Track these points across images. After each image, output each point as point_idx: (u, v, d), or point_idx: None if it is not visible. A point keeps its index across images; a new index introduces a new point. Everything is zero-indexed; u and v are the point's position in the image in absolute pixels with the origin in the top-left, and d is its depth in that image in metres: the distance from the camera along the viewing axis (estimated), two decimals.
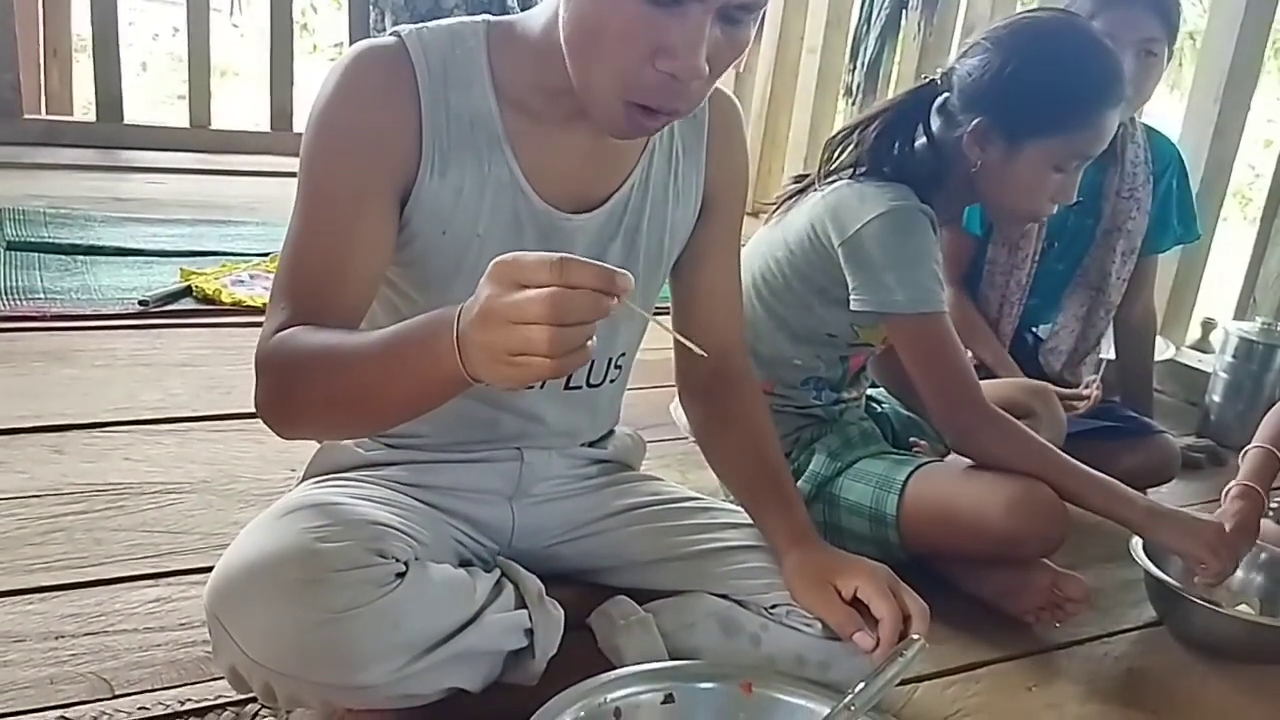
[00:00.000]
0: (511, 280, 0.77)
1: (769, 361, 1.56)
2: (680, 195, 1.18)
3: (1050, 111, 1.43)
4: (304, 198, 1.02)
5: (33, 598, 1.23)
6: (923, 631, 1.06)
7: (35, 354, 1.94)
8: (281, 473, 1.57)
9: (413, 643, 0.95)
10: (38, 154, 3.46)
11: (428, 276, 1.07)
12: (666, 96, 0.93)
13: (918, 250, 1.43)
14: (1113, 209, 2.02)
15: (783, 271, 1.53)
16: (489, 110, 1.04)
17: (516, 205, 1.06)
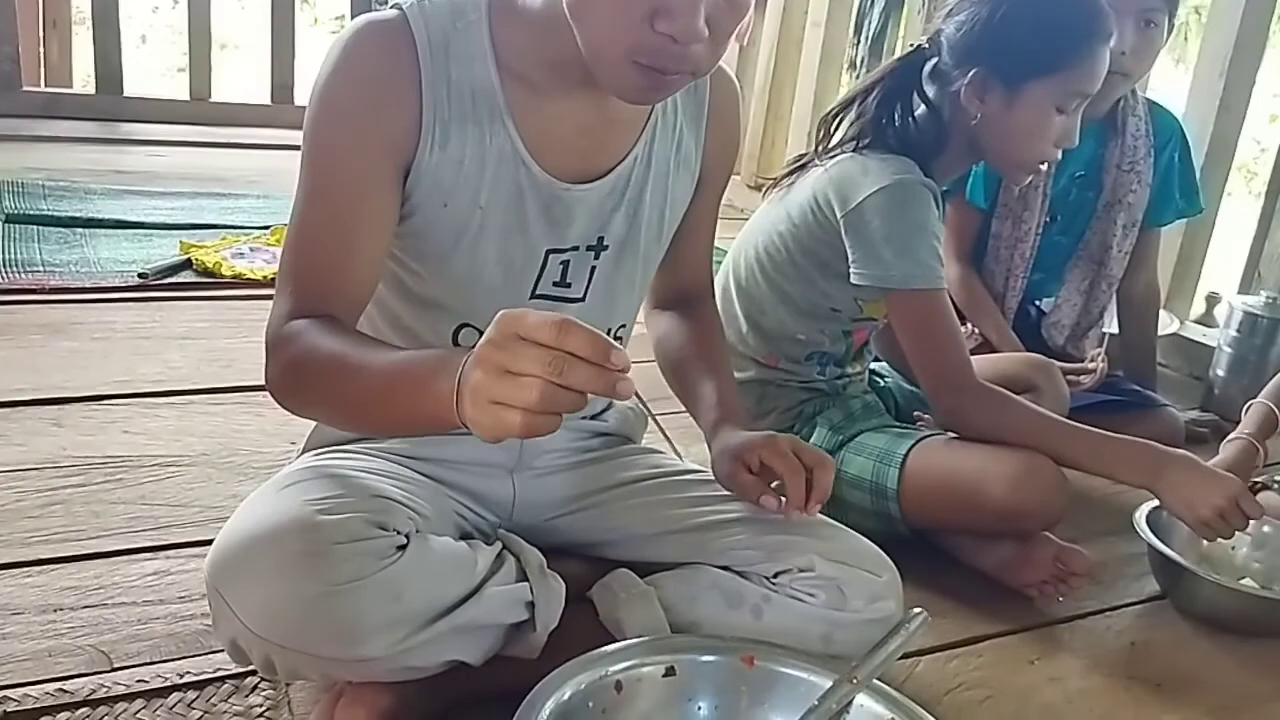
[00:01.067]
0: (513, 333, 0.77)
1: (773, 335, 1.55)
2: (681, 168, 1.18)
3: (1045, 50, 1.43)
4: (307, 177, 1.02)
5: (31, 570, 1.22)
6: (825, 478, 1.10)
7: (34, 327, 1.93)
8: (281, 445, 1.57)
9: (414, 615, 0.94)
10: (37, 126, 3.45)
11: (428, 248, 1.07)
12: (671, 59, 0.93)
13: (918, 225, 1.42)
14: (1114, 182, 2.02)
15: (786, 245, 1.52)
16: (490, 83, 1.03)
17: (518, 176, 1.06)
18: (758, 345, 1.57)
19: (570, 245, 1.10)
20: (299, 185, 1.03)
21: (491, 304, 1.07)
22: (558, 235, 1.09)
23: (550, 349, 0.75)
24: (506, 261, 1.08)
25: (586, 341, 0.76)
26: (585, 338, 0.76)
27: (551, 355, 0.75)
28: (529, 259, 1.09)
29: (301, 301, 1.00)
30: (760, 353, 1.56)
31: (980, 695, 1.24)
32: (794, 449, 1.13)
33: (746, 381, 1.57)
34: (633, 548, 1.20)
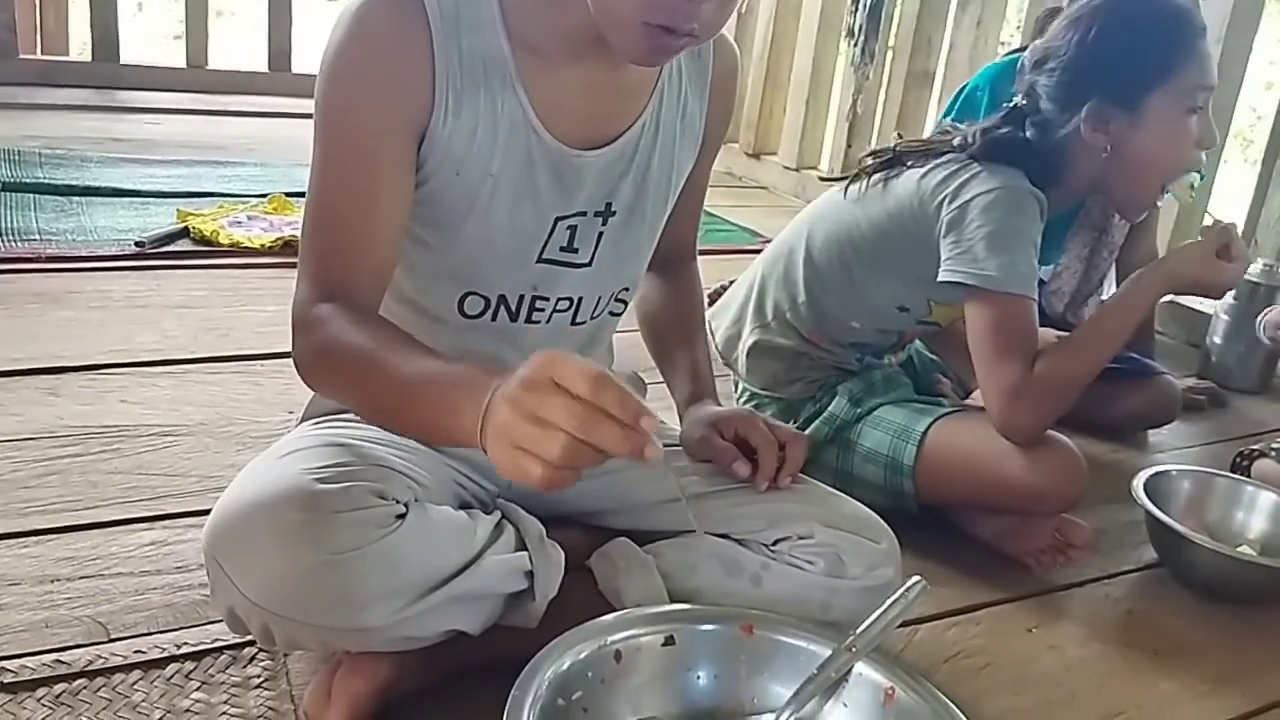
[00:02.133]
0: (549, 377, 0.76)
1: (827, 316, 1.53)
2: (686, 133, 1.17)
3: (1152, 59, 1.39)
4: (322, 151, 1.01)
5: (28, 541, 1.22)
6: (797, 454, 1.15)
7: (30, 296, 1.93)
8: (280, 414, 1.56)
9: (412, 585, 0.94)
10: (33, 94, 3.44)
11: (440, 216, 1.06)
12: (682, 16, 0.91)
13: (1022, 231, 1.38)
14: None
15: (875, 234, 1.49)
16: (501, 51, 1.02)
17: (529, 144, 1.05)
18: (808, 319, 1.54)
19: (578, 211, 1.09)
20: (315, 158, 1.01)
21: (498, 270, 1.08)
22: (567, 201, 1.09)
23: (582, 402, 0.75)
24: (516, 228, 1.07)
25: (619, 400, 0.75)
26: (619, 397, 0.75)
27: (583, 409, 0.75)
28: (538, 226, 1.08)
29: (326, 276, 0.99)
30: (806, 327, 1.54)
31: (979, 663, 1.24)
32: (768, 424, 1.17)
33: (783, 349, 1.56)
34: (632, 517, 1.20)
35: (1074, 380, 1.39)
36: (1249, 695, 1.24)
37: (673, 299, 1.33)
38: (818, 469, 1.41)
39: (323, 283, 1.00)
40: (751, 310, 1.60)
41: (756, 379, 1.58)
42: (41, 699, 0.98)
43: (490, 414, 0.80)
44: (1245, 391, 2.24)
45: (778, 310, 1.57)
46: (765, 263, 1.61)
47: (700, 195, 1.30)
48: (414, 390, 0.89)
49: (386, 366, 0.91)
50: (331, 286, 0.99)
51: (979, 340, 1.40)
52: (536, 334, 1.14)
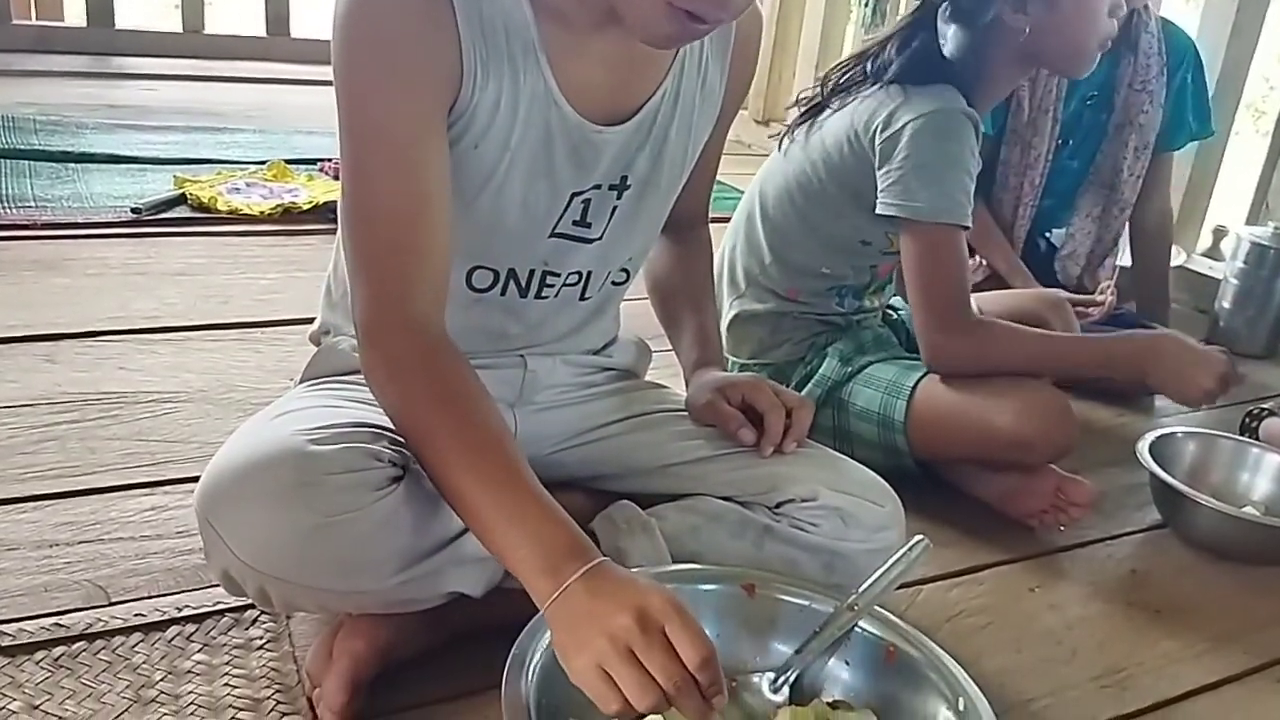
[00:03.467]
0: (661, 628, 0.78)
1: (798, 269, 1.53)
2: (705, 102, 1.14)
3: None
4: (357, 135, 0.94)
5: (26, 506, 1.21)
6: (804, 418, 1.15)
7: (26, 263, 1.92)
8: (280, 381, 1.55)
9: (411, 547, 0.93)
10: (28, 61, 3.41)
11: (454, 189, 1.00)
12: (712, 5, 0.87)
13: (952, 157, 1.39)
14: (1125, 101, 1.99)
15: (819, 176, 1.48)
16: (524, 18, 0.98)
17: (549, 118, 1.01)
18: (780, 278, 1.54)
19: (593, 185, 1.07)
20: (347, 144, 0.94)
21: (509, 245, 1.06)
22: (583, 177, 1.06)
23: (684, 669, 0.76)
24: (530, 204, 1.04)
25: (715, 680, 0.77)
26: (717, 677, 0.77)
27: (682, 678, 0.76)
28: (553, 201, 1.05)
29: (388, 281, 0.93)
30: (781, 286, 1.54)
31: (981, 622, 1.24)
32: (775, 390, 1.16)
33: (763, 314, 1.56)
34: (636, 480, 1.19)
35: (1001, 360, 1.42)
36: (1250, 653, 1.25)
37: (682, 264, 1.31)
38: (816, 431, 1.39)
39: (383, 298, 0.94)
40: (726, 285, 1.59)
41: (744, 349, 1.57)
42: (40, 662, 0.98)
43: (569, 604, 0.80)
44: (1253, 356, 2.23)
45: (749, 277, 1.56)
46: (728, 236, 1.62)
47: (715, 162, 1.28)
48: (488, 513, 0.87)
49: (470, 466, 0.88)
50: (393, 300, 0.94)
51: (911, 270, 1.43)
52: (544, 308, 1.13)
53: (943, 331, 1.42)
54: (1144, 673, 1.19)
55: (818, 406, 1.46)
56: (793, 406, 1.16)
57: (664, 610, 0.78)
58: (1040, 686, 1.15)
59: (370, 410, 1.02)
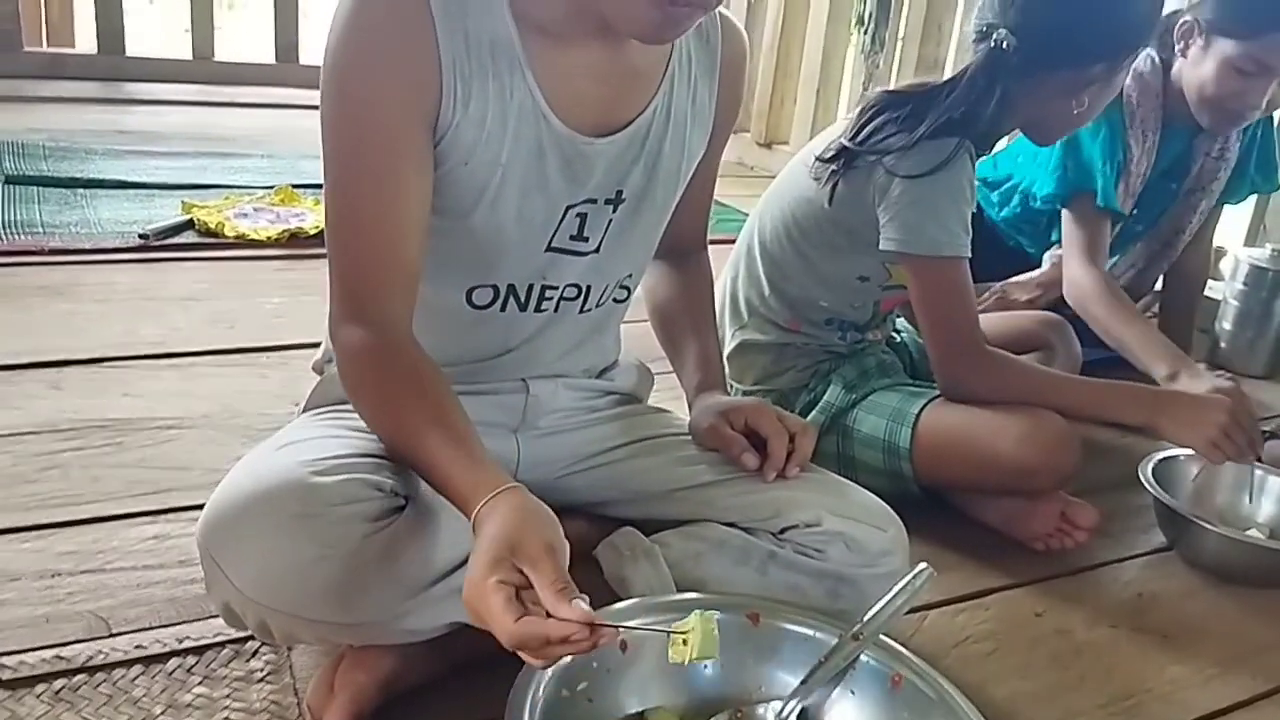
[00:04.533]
0: (510, 578, 0.80)
1: (796, 302, 1.53)
2: (697, 120, 1.15)
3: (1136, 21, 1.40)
4: (336, 152, 0.97)
5: (28, 535, 1.21)
6: (806, 444, 1.15)
7: (33, 289, 1.92)
8: (286, 407, 1.56)
9: (412, 578, 0.93)
10: (39, 87, 3.43)
11: (447, 206, 1.03)
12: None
13: (951, 189, 1.38)
14: (1200, 169, 1.95)
15: (814, 212, 1.48)
16: (508, 34, 0.99)
17: (539, 132, 1.02)
18: (780, 309, 1.54)
19: (588, 198, 1.08)
20: (329, 160, 0.97)
21: (507, 260, 1.07)
22: (577, 190, 1.07)
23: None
24: (525, 218, 1.05)
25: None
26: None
27: (544, 651, 0.79)
28: (548, 215, 1.06)
29: (357, 290, 0.97)
30: (782, 317, 1.54)
31: (987, 648, 1.23)
32: (778, 415, 1.16)
33: (765, 344, 1.55)
34: (639, 506, 1.19)
35: (1016, 394, 1.42)
36: (1258, 677, 1.24)
37: (683, 288, 1.32)
38: (820, 457, 1.39)
39: (354, 297, 0.97)
40: (729, 314, 1.59)
41: (748, 376, 1.57)
42: (41, 695, 0.98)
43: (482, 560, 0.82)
44: (1254, 377, 2.23)
45: (751, 307, 1.56)
46: (730, 265, 1.62)
47: (710, 184, 1.29)
48: (431, 477, 0.92)
49: (412, 441, 0.92)
50: (363, 301, 0.97)
51: (918, 305, 1.44)
52: (542, 321, 1.13)
53: (955, 363, 1.43)
54: (1153, 699, 1.18)
55: (822, 433, 1.46)
56: (796, 431, 1.15)
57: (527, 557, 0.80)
58: (1049, 714, 1.14)
59: (373, 440, 1.02)
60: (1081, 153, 1.78)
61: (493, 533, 0.81)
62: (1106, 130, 1.77)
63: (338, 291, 0.99)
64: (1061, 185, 1.78)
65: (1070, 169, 1.77)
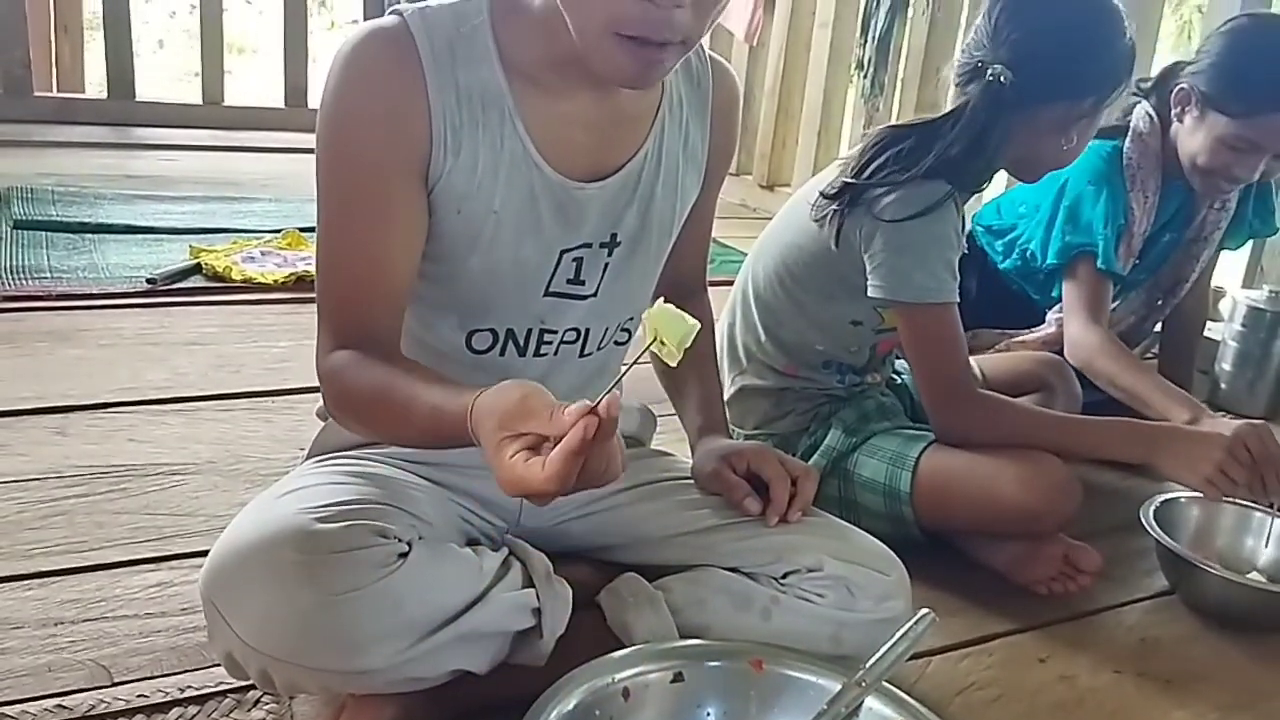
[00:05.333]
0: (513, 429, 0.82)
1: (792, 347, 1.53)
2: (689, 163, 1.17)
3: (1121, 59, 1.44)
4: (328, 192, 1.01)
5: (31, 583, 1.21)
6: (809, 488, 1.16)
7: (40, 334, 1.93)
8: (290, 451, 1.56)
9: (415, 624, 0.93)
10: (49, 132, 3.47)
11: (443, 252, 1.06)
12: (652, 26, 0.90)
13: (937, 235, 1.39)
14: (1203, 220, 1.96)
15: (804, 258, 1.49)
16: (498, 85, 1.02)
17: (531, 178, 1.04)
18: (776, 355, 1.54)
19: (583, 243, 1.09)
20: (321, 205, 1.01)
21: (505, 305, 1.08)
22: (571, 234, 1.08)
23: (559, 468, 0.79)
24: (521, 263, 1.07)
25: (580, 426, 0.79)
26: (578, 423, 0.79)
27: (560, 476, 0.79)
28: (543, 260, 1.08)
29: (344, 325, 1.01)
30: (779, 362, 1.54)
31: (991, 695, 1.22)
32: (780, 459, 1.17)
33: (765, 389, 1.56)
34: (642, 551, 1.19)
35: (1009, 435, 1.42)
36: None
37: None
38: (822, 501, 1.39)
39: (340, 332, 1.00)
40: (727, 360, 1.60)
41: (749, 420, 1.57)
42: None
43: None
44: (1256, 417, 2.21)
45: (749, 353, 1.57)
46: (727, 311, 1.62)
47: (707, 227, 1.30)
48: (421, 430, 0.94)
49: (399, 409, 0.94)
50: (349, 335, 1.00)
51: (909, 350, 1.45)
52: (543, 366, 1.14)
53: (948, 407, 1.44)
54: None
55: (823, 477, 1.46)
56: (798, 475, 1.16)
57: (505, 420, 0.82)
58: None
59: (380, 485, 1.03)
60: (1082, 216, 1.79)
61: (489, 426, 0.83)
62: (1108, 193, 1.79)
63: (324, 329, 1.02)
64: (1063, 248, 1.79)
65: (1070, 232, 1.78)
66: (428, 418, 0.91)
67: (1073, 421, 1.50)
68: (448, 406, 0.89)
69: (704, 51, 1.17)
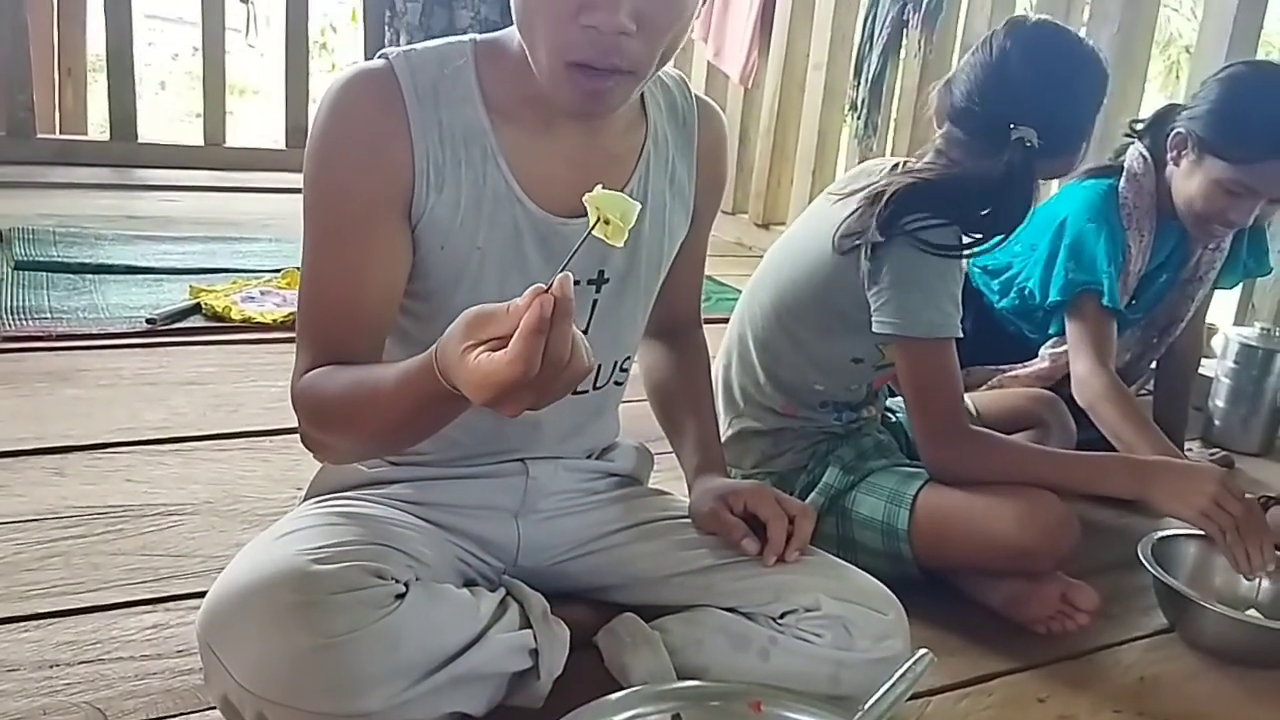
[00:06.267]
0: (475, 337, 0.81)
1: (792, 387, 1.54)
2: (676, 199, 1.19)
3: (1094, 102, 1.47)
4: (311, 228, 1.03)
5: (28, 625, 1.21)
6: (805, 527, 1.16)
7: (39, 374, 1.93)
8: (287, 491, 1.56)
9: (413, 666, 0.93)
10: (51, 173, 3.49)
11: (429, 289, 1.08)
12: (599, 52, 0.94)
13: (940, 269, 1.40)
14: (1198, 260, 1.97)
15: (802, 297, 1.50)
16: (481, 125, 1.05)
17: (514, 215, 1.06)
18: (775, 395, 1.54)
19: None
20: (305, 239, 1.04)
21: None
22: (556, 269, 1.08)
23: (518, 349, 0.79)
24: (507, 299, 1.07)
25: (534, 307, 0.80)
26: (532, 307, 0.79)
27: (522, 359, 0.78)
28: None
29: (320, 357, 1.02)
30: (778, 403, 1.55)
31: None
32: (777, 498, 1.17)
33: (762, 429, 1.56)
34: (639, 591, 1.19)
35: (1000, 471, 1.43)
36: None
37: (679, 368, 1.34)
38: (820, 539, 1.39)
39: (317, 355, 1.02)
40: (723, 403, 1.59)
41: (746, 460, 1.57)
42: None
43: (450, 380, 0.84)
44: (1250, 454, 2.23)
45: (746, 395, 1.57)
46: (722, 353, 1.62)
47: (699, 264, 1.32)
48: (394, 399, 0.92)
49: (370, 392, 0.94)
50: (325, 359, 1.01)
51: (906, 383, 1.45)
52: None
53: (941, 442, 1.44)
54: None
55: (821, 515, 1.46)
56: (795, 514, 1.16)
57: (467, 329, 0.83)
58: None
59: (377, 526, 1.03)
60: (1085, 253, 1.79)
61: (452, 350, 0.83)
62: (1108, 231, 1.80)
63: (301, 356, 1.04)
64: (1066, 285, 1.79)
65: (1074, 270, 1.79)
66: (398, 384, 0.91)
67: (1065, 457, 1.51)
68: (413, 364, 0.90)
69: (690, 91, 1.20)
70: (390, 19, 3.91)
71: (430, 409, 0.91)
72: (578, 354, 0.81)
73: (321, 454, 1.07)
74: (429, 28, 3.82)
